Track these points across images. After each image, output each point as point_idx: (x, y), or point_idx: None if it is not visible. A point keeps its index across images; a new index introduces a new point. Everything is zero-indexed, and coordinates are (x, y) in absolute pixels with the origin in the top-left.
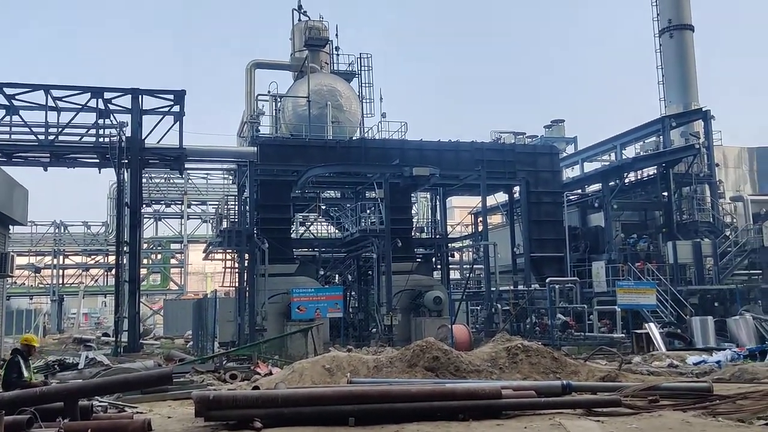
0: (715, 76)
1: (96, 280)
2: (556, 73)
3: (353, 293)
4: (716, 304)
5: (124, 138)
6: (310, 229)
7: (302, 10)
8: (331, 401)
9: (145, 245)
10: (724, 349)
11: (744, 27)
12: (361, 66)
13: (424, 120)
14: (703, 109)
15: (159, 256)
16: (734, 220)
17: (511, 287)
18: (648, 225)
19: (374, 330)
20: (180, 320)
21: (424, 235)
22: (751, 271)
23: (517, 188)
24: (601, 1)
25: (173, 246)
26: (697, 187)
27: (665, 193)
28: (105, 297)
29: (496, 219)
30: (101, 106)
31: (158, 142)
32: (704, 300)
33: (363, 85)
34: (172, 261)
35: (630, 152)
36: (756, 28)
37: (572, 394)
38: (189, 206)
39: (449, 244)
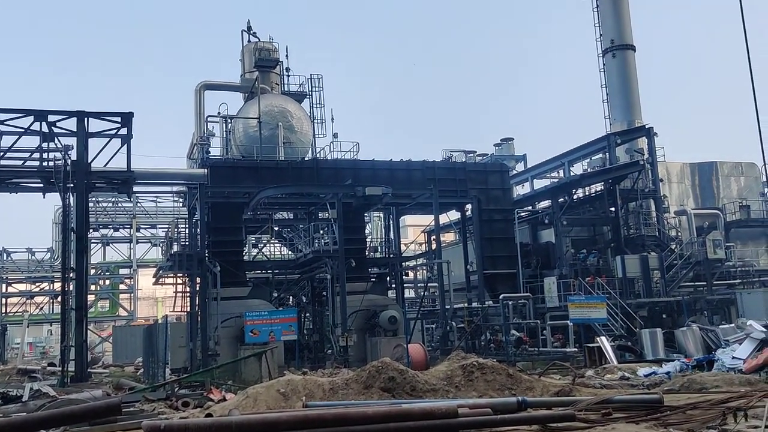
0: (657, 94)
1: (41, 308)
2: (505, 92)
3: (308, 315)
4: (664, 316)
5: (69, 161)
6: (262, 251)
7: (252, 32)
8: (286, 426)
9: (92, 271)
10: (673, 361)
11: (682, 45)
12: (312, 87)
13: (376, 140)
14: (647, 126)
15: (107, 282)
16: (679, 234)
17: (466, 304)
18: (597, 240)
19: (330, 351)
20: (130, 347)
21: (378, 255)
22: (697, 283)
23: (469, 206)
24: (548, 22)
25: (122, 271)
26: (643, 202)
27: (612, 209)
28: (51, 325)
29: (449, 237)
30: (45, 129)
31: (105, 166)
32: (653, 312)
33: (314, 105)
34: (121, 286)
35: (578, 169)
36: (694, 46)
37: (528, 409)
38: (138, 230)
39: (403, 263)
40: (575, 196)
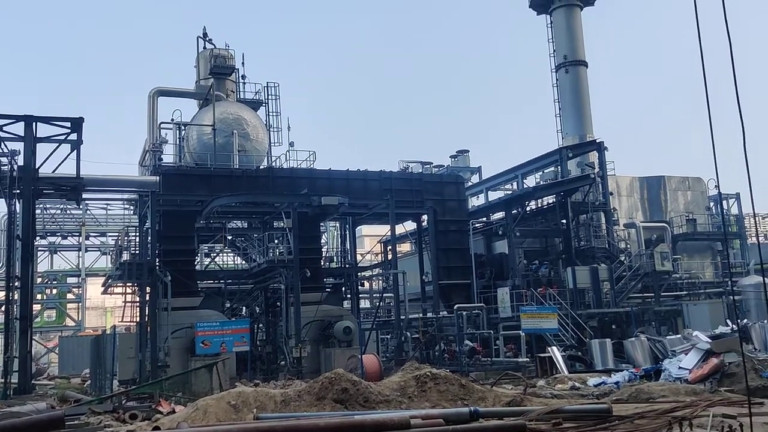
0: (608, 109)
1: None
2: (461, 104)
3: (261, 326)
4: (614, 326)
5: (15, 167)
6: (215, 260)
7: (208, 38)
8: None
9: (39, 279)
10: (622, 370)
11: (632, 62)
12: (268, 95)
13: (332, 149)
14: (597, 141)
15: (54, 291)
16: (628, 246)
17: (421, 315)
18: (549, 251)
19: (283, 363)
20: (77, 358)
21: (333, 265)
22: (645, 294)
23: (425, 217)
24: (503, 36)
25: (70, 280)
26: (593, 215)
27: (564, 221)
28: None
29: (405, 247)
30: None
31: (54, 172)
32: (602, 323)
33: (270, 113)
34: (69, 296)
35: (531, 182)
36: (644, 63)
37: (480, 420)
38: (87, 238)
39: (359, 273)
40: (528, 208)
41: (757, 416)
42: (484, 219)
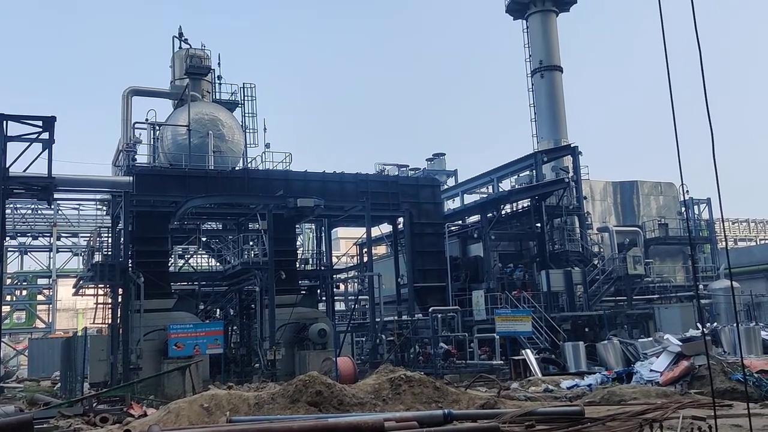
0: (583, 114)
1: None
2: (438, 108)
3: (235, 328)
4: (587, 329)
5: None
6: (189, 262)
7: (183, 38)
8: None
9: (8, 280)
10: (595, 373)
11: (607, 67)
12: (244, 96)
13: (308, 151)
14: (572, 146)
15: (24, 292)
16: (601, 250)
17: (396, 317)
18: (523, 255)
19: (257, 365)
20: (47, 361)
21: (308, 267)
22: (617, 298)
23: (400, 219)
24: (480, 41)
25: (40, 281)
26: (567, 219)
27: (538, 225)
28: None
29: (381, 250)
30: None
31: (24, 171)
32: (576, 326)
33: (246, 114)
34: (39, 297)
35: (506, 185)
36: (618, 68)
37: (453, 422)
38: (58, 239)
39: (334, 276)
40: (503, 212)
41: (724, 418)
42: (460, 222)
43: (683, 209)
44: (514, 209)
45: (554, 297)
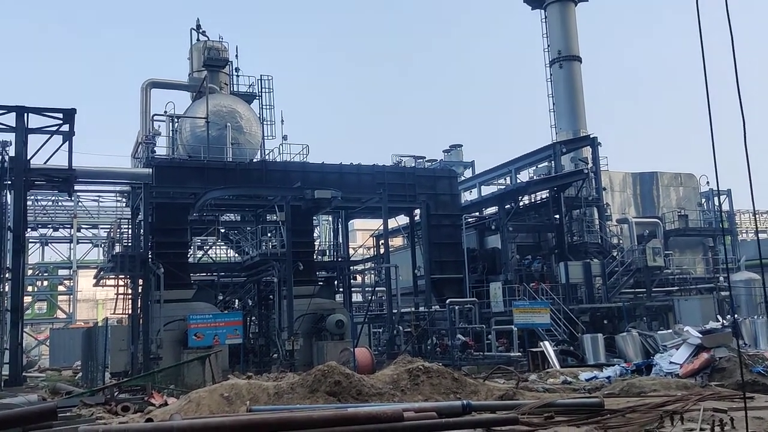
0: (602, 105)
1: None
2: (455, 99)
3: (253, 318)
4: (605, 321)
5: (7, 158)
6: (208, 253)
7: (201, 30)
8: (229, 431)
9: (30, 271)
10: (614, 365)
11: (626, 57)
12: (261, 88)
13: (325, 143)
14: (591, 136)
15: (45, 283)
16: (620, 242)
17: (413, 309)
18: (541, 246)
19: (275, 356)
20: (68, 350)
21: (326, 258)
22: (637, 290)
23: (417, 211)
24: (498, 30)
25: (61, 272)
26: (586, 210)
27: (557, 216)
28: None
29: (397, 241)
30: None
31: (45, 163)
32: (594, 318)
33: (264, 106)
34: (60, 288)
35: (524, 176)
36: (638, 58)
37: (472, 413)
38: (79, 230)
39: (351, 267)
40: (521, 203)
41: (749, 410)
42: (477, 213)
43: (705, 201)
44: (533, 200)
45: (573, 289)
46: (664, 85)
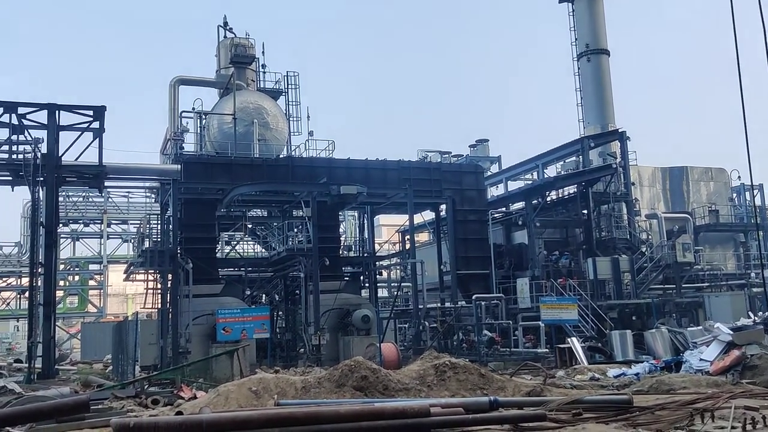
0: (630, 98)
1: (8, 304)
2: (481, 93)
3: (280, 313)
4: (634, 317)
5: (39, 155)
6: (235, 248)
7: (228, 27)
8: (257, 425)
9: (61, 266)
10: (642, 362)
11: (655, 50)
12: (288, 84)
13: (351, 139)
14: (620, 131)
15: (77, 278)
16: (649, 237)
17: (439, 304)
18: (569, 242)
19: (302, 350)
20: (99, 344)
21: (351, 254)
22: (666, 286)
23: (443, 206)
24: (524, 24)
25: (92, 267)
26: (615, 205)
27: (585, 211)
28: (17, 321)
29: (423, 237)
30: (15, 121)
31: (76, 160)
32: (623, 314)
33: (290, 103)
34: (91, 282)
35: (551, 171)
36: (667, 51)
37: (499, 409)
38: (109, 225)
39: (377, 262)
40: (548, 198)
41: None
42: (504, 209)
43: (736, 195)
44: (560, 196)
45: (601, 285)
46: (694, 78)
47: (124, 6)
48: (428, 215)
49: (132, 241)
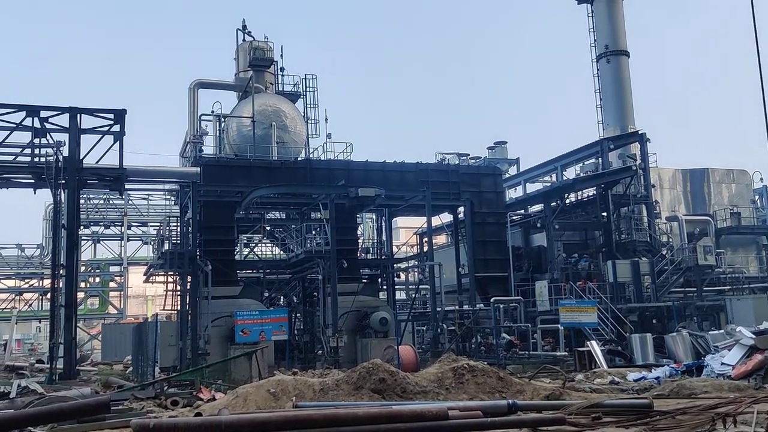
0: (650, 100)
1: (30, 305)
2: (499, 95)
3: (298, 315)
4: (654, 321)
5: (60, 158)
6: (254, 250)
7: (247, 30)
8: (275, 426)
9: (82, 268)
10: (663, 366)
11: (675, 52)
12: (306, 87)
13: (369, 141)
14: (639, 132)
15: (97, 280)
16: (670, 240)
17: (457, 307)
18: (588, 245)
19: (320, 352)
20: (119, 345)
21: (369, 256)
22: (687, 289)
23: (461, 209)
24: (542, 25)
25: (112, 269)
26: (635, 208)
27: (604, 214)
28: (39, 322)
29: (441, 239)
30: (37, 124)
31: (97, 162)
32: (643, 317)
33: (308, 106)
34: (111, 284)
35: (570, 173)
36: (687, 52)
37: (518, 413)
38: (129, 228)
39: (395, 265)
40: (567, 201)
41: None
42: (522, 211)
43: (758, 197)
44: (579, 198)
45: (621, 288)
46: (715, 79)
47: (144, 9)
48: (446, 217)
49: (152, 243)
